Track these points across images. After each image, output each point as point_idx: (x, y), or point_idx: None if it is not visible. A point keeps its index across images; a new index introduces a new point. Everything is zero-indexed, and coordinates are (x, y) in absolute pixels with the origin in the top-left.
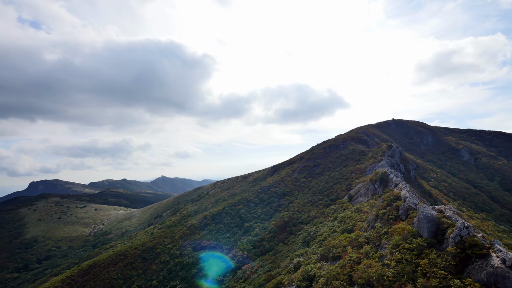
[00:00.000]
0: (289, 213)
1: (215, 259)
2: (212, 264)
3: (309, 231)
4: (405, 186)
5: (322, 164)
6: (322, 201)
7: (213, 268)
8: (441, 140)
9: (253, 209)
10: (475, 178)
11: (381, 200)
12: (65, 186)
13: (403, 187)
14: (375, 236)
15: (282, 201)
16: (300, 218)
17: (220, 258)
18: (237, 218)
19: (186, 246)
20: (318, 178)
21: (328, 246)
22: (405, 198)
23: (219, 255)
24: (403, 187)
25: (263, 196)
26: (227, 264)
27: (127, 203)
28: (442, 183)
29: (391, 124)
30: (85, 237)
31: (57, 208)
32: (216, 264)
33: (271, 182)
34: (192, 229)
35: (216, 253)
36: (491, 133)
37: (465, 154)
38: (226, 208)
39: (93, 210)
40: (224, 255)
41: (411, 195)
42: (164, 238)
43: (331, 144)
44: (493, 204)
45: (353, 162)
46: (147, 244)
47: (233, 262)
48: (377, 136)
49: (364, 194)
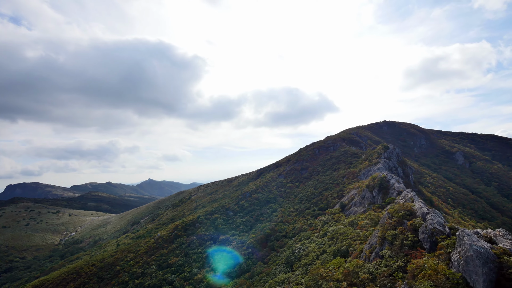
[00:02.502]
0: (271, 224)
1: (181, 281)
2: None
3: (294, 249)
4: (413, 195)
5: (310, 167)
6: (309, 210)
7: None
8: (435, 143)
9: (231, 218)
10: (472, 183)
11: (387, 215)
12: (45, 189)
13: (414, 198)
14: (384, 272)
15: (264, 210)
16: (284, 230)
17: (188, 280)
18: (212, 229)
19: (150, 264)
20: (305, 183)
21: (316, 276)
22: (424, 215)
23: (187, 276)
24: (413, 197)
25: (244, 203)
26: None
27: (108, 208)
28: (440, 189)
29: (383, 126)
30: (54, 246)
31: (27, 213)
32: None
33: (254, 187)
34: (160, 242)
35: (184, 273)
36: (483, 136)
37: (459, 157)
38: (201, 217)
39: (67, 216)
40: (192, 276)
41: (434, 211)
42: (127, 252)
43: (321, 145)
44: (493, 212)
45: (345, 165)
46: (107, 259)
47: (202, 285)
48: (369, 138)
49: (359, 203)
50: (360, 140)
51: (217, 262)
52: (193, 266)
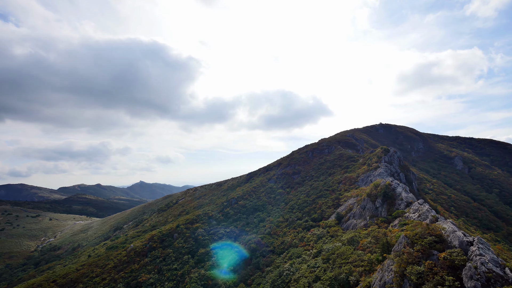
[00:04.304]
0: (257, 236)
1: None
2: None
3: (282, 270)
4: (429, 209)
5: (303, 171)
6: (301, 221)
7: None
8: (432, 147)
9: (214, 228)
10: (473, 190)
11: (404, 240)
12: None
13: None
14: None
15: (251, 219)
16: (272, 244)
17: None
18: (191, 241)
19: (118, 281)
20: (297, 189)
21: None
22: (465, 245)
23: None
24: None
25: (229, 211)
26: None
27: (94, 211)
28: (441, 196)
29: (379, 129)
30: (29, 252)
31: (3, 217)
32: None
33: (241, 193)
34: (131, 256)
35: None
36: (481, 141)
37: (458, 162)
38: (180, 226)
39: (47, 220)
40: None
41: (479, 240)
42: (94, 266)
43: (314, 148)
44: (498, 221)
45: (340, 169)
46: (71, 275)
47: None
48: (365, 141)
49: (359, 214)
50: (356, 143)
51: (192, 282)
52: (165, 286)
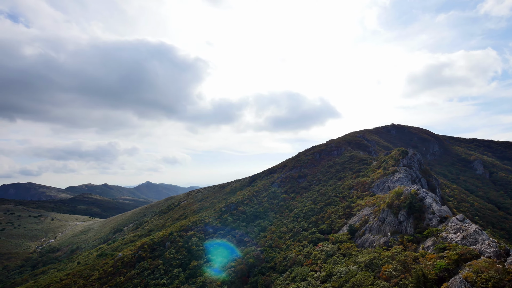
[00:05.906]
0: (257, 249)
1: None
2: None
3: None
4: (478, 229)
5: (309, 174)
6: (307, 232)
7: None
8: (449, 149)
9: (210, 237)
10: (496, 197)
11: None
12: (39, 190)
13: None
14: None
15: (251, 227)
16: (273, 260)
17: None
18: (184, 252)
19: None
20: (303, 194)
21: None
22: None
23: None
24: (479, 232)
25: (227, 217)
26: None
27: (98, 212)
28: (463, 203)
29: (391, 130)
30: (28, 254)
31: (5, 217)
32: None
33: (241, 197)
34: (118, 266)
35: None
36: (501, 144)
37: (478, 166)
38: (174, 233)
39: (49, 220)
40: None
41: None
42: (78, 277)
43: (322, 149)
44: None
45: (352, 173)
46: (53, 286)
47: None
48: (377, 142)
49: (377, 228)
50: (368, 144)
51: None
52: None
